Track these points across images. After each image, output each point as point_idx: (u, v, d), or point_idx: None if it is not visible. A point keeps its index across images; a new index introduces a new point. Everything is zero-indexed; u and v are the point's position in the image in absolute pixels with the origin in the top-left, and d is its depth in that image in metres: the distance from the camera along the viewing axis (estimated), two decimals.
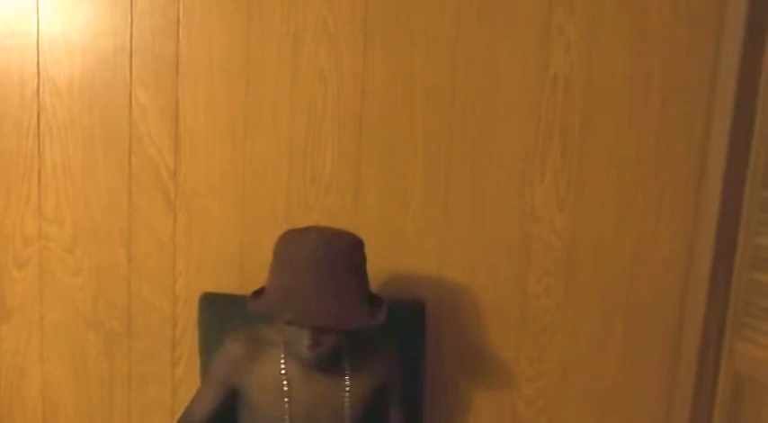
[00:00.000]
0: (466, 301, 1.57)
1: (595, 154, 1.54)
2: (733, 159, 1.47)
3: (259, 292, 1.24)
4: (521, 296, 1.58)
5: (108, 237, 1.54)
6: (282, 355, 1.26)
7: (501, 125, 1.52)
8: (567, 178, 1.54)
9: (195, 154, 1.52)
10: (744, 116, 1.46)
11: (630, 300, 1.58)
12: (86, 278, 1.55)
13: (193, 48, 1.48)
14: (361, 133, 1.52)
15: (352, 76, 1.49)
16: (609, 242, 1.56)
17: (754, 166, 1.46)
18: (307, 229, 1.24)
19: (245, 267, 1.54)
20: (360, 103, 1.51)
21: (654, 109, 1.52)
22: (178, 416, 1.33)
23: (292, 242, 1.21)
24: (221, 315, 1.46)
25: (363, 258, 1.24)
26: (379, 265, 1.53)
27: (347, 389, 1.27)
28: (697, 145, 1.53)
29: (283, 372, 1.26)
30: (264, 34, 1.48)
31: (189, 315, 1.54)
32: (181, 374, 1.57)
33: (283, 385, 1.25)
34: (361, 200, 1.53)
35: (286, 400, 1.25)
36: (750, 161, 1.46)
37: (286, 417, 1.25)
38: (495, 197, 1.55)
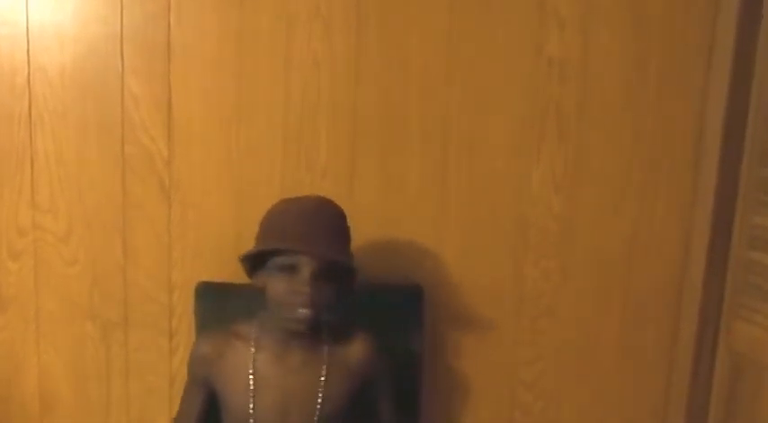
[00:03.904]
0: (463, 286, 1.57)
1: (592, 136, 1.53)
2: (729, 139, 1.47)
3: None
4: (518, 280, 1.57)
5: (103, 227, 1.53)
6: (252, 348, 1.25)
7: (496, 108, 1.52)
8: (564, 160, 1.53)
9: (189, 142, 1.51)
10: (740, 96, 1.46)
11: (628, 282, 1.58)
12: (82, 268, 1.54)
13: (185, 34, 1.47)
14: (356, 118, 1.51)
15: (345, 60, 1.48)
16: (606, 224, 1.56)
17: (750, 145, 1.45)
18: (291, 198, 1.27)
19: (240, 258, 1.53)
20: (354, 87, 1.50)
21: (650, 90, 1.52)
22: (174, 407, 1.32)
23: (283, 202, 1.25)
24: (218, 304, 1.46)
25: (348, 226, 1.26)
26: (376, 251, 1.52)
27: (321, 381, 1.25)
28: (693, 125, 1.53)
29: (251, 367, 1.24)
30: (256, 19, 1.47)
31: (185, 304, 1.53)
32: (178, 364, 1.56)
33: (249, 381, 1.24)
34: (357, 185, 1.52)
35: (251, 396, 1.23)
36: (746, 141, 1.46)
37: (251, 411, 1.23)
38: (492, 181, 1.54)
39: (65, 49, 1.47)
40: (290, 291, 1.18)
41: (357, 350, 1.29)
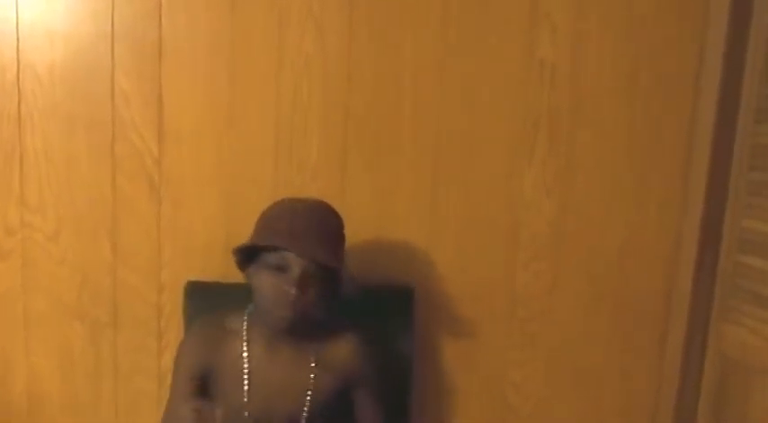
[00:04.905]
0: (454, 288, 1.57)
1: (583, 140, 1.53)
2: (719, 143, 1.47)
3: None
4: (509, 283, 1.57)
5: (92, 226, 1.52)
6: (245, 342, 1.25)
7: (489, 111, 1.52)
8: (556, 164, 1.54)
9: (180, 141, 1.50)
10: (730, 100, 1.46)
11: (618, 285, 1.58)
12: (71, 268, 1.53)
13: (177, 33, 1.46)
14: (348, 119, 1.51)
15: (337, 61, 1.48)
16: (597, 228, 1.56)
17: (739, 149, 1.46)
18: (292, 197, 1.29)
19: (230, 256, 1.52)
20: (346, 89, 1.49)
21: (641, 94, 1.52)
22: (163, 406, 1.31)
23: (284, 200, 1.26)
24: (207, 303, 1.45)
25: (343, 234, 1.26)
26: (367, 252, 1.52)
27: (311, 378, 1.26)
28: (684, 129, 1.53)
29: (245, 359, 1.25)
30: (248, 19, 1.46)
31: (175, 304, 1.52)
32: (167, 364, 1.55)
33: (244, 373, 1.24)
34: (348, 187, 1.52)
35: (246, 387, 1.24)
36: (735, 144, 1.47)
37: (245, 401, 1.24)
38: (484, 184, 1.54)
39: (55, 46, 1.46)
40: (277, 289, 1.18)
41: (344, 350, 1.29)
